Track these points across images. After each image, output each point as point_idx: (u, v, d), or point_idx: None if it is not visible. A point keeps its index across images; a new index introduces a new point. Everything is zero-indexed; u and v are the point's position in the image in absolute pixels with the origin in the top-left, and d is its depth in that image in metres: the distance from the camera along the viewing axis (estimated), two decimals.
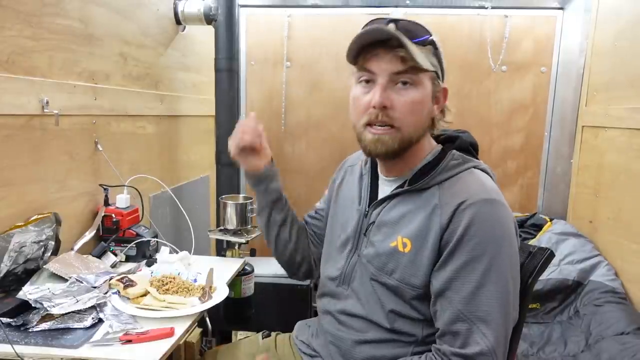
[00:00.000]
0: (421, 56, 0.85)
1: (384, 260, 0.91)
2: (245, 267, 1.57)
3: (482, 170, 0.92)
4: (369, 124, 0.88)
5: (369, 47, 0.86)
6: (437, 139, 0.99)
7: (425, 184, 0.90)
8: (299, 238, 1.16)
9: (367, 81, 0.88)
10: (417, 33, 0.86)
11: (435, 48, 0.89)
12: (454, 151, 0.92)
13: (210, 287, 1.17)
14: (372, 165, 1.03)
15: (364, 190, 1.02)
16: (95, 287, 1.13)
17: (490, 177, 0.92)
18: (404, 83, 0.85)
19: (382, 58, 0.85)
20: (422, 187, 0.90)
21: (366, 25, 0.88)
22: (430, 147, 0.95)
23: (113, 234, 1.40)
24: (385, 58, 0.85)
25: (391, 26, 0.85)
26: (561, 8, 2.30)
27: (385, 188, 0.98)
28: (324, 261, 1.08)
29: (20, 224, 1.12)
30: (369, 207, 0.98)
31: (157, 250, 1.47)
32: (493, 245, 0.81)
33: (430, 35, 0.88)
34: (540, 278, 0.94)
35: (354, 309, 0.96)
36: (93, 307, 1.04)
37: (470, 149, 0.96)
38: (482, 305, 0.80)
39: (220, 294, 1.16)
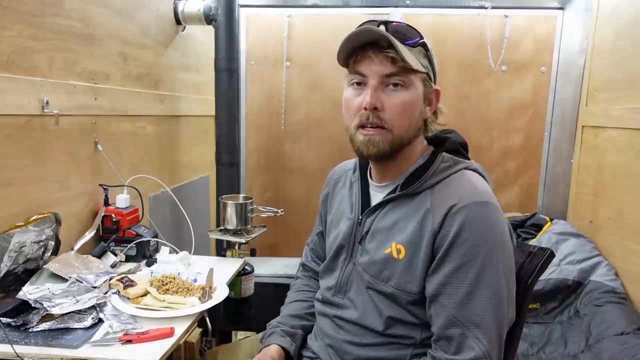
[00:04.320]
0: (411, 57, 0.84)
1: (379, 268, 0.91)
2: (245, 267, 1.57)
3: (474, 170, 0.91)
4: (361, 126, 0.88)
5: (359, 49, 0.86)
6: (426, 140, 0.98)
7: (417, 188, 0.89)
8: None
9: (359, 83, 0.88)
10: (408, 35, 0.86)
11: (426, 50, 0.88)
12: (444, 153, 0.91)
13: (210, 287, 1.17)
14: (361, 173, 1.02)
15: (354, 198, 1.01)
16: (95, 287, 1.13)
17: (483, 176, 0.91)
18: (395, 85, 0.86)
19: (372, 60, 0.85)
20: (413, 191, 0.89)
21: (357, 27, 0.88)
22: (422, 150, 0.95)
23: (113, 234, 1.40)
24: (375, 60, 0.85)
25: (381, 28, 0.85)
26: (561, 8, 2.30)
27: (378, 195, 0.97)
28: (322, 271, 1.08)
29: (20, 223, 1.12)
30: (362, 215, 0.97)
31: (157, 250, 1.47)
32: (485, 249, 0.80)
33: (421, 38, 0.88)
34: (540, 278, 0.93)
35: (350, 317, 0.95)
36: (93, 307, 1.04)
37: (460, 149, 0.94)
38: (476, 309, 0.80)
39: (220, 294, 1.16)
